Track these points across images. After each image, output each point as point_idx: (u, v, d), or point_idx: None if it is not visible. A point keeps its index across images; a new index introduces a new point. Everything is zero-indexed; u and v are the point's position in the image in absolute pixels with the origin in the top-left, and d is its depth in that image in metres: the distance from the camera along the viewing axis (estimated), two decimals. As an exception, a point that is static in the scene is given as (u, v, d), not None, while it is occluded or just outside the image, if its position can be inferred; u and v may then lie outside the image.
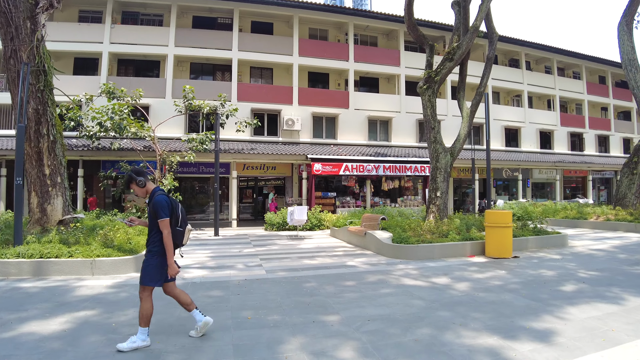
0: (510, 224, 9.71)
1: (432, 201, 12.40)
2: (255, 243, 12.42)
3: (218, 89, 18.81)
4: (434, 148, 12.69)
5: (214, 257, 9.83)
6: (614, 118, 33.18)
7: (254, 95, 20.93)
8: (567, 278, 7.33)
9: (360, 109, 22.54)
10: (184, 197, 20.96)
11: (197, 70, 21.78)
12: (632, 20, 18.63)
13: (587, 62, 31.47)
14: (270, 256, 9.85)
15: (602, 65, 32.34)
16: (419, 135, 24.19)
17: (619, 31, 18.55)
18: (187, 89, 16.32)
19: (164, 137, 18.19)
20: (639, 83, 18.02)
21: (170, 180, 15.50)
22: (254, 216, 22.17)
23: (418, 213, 17.60)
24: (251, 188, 22.92)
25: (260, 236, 14.40)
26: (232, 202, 18.59)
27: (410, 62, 24.12)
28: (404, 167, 20.31)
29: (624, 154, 33.33)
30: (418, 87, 13.13)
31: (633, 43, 18.28)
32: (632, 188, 17.51)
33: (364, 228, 11.36)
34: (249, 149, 18.61)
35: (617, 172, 30.69)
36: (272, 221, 16.33)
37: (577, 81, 31.36)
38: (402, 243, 9.51)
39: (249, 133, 20.47)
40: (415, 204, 21.31)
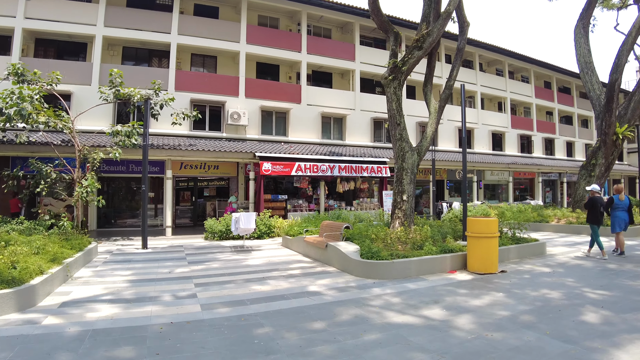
0: (496, 233, 8.34)
1: (397, 205, 10.87)
2: (192, 258, 10.17)
3: (153, 76, 16.22)
4: (400, 146, 11.17)
5: (134, 281, 7.54)
6: (559, 122, 33.96)
7: (195, 85, 18.51)
8: (580, 301, 6.04)
9: (313, 104, 20.77)
10: (112, 200, 18.16)
11: (130, 56, 18.96)
12: (588, 23, 18.41)
13: (535, 67, 31.89)
14: (208, 279, 7.72)
15: (549, 70, 32.97)
16: (374, 134, 22.87)
17: (575, 34, 18.24)
18: (115, 73, 13.77)
19: (87, 130, 15.44)
20: (594, 86, 17.77)
21: (91, 180, 12.87)
22: (193, 222, 19.65)
23: (376, 217, 16.22)
24: (190, 190, 20.33)
25: (199, 248, 12.12)
26: (167, 206, 16.08)
27: (365, 57, 22.71)
28: (360, 167, 18.78)
29: (567, 156, 34.28)
30: (382, 77, 11.57)
31: (589, 46, 18.02)
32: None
33: (325, 239, 9.53)
34: (187, 145, 16.20)
35: (562, 174, 31.40)
36: (214, 229, 14.09)
37: (526, 85, 31.65)
38: (374, 258, 7.78)
39: (188, 127, 18.03)
40: (372, 206, 19.85)
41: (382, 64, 23.01)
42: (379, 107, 22.83)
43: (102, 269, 8.75)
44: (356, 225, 11.09)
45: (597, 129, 17.35)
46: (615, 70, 15.85)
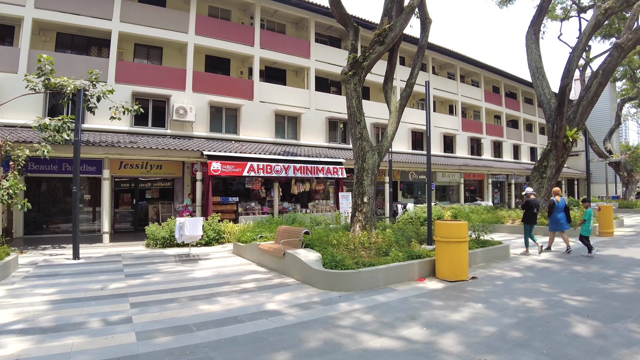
0: (466, 238, 7.81)
1: (358, 208, 10.16)
2: (130, 270, 8.86)
3: (92, 66, 14.48)
4: (360, 146, 10.48)
5: (57, 302, 6.23)
6: (506, 126, 35.08)
7: (138, 77, 16.87)
8: (562, 310, 5.66)
9: (266, 101, 19.71)
10: (43, 203, 16.15)
11: (65, 43, 16.95)
12: (539, 30, 18.75)
13: (485, 72, 32.71)
14: (148, 297, 6.55)
15: (497, 75, 34.00)
16: (330, 134, 22.18)
17: (527, 40, 18.51)
18: (44, 59, 12.06)
19: (12, 124, 13.51)
20: (545, 90, 18.08)
21: (13, 181, 11.13)
22: (135, 227, 17.94)
23: (332, 219, 15.51)
24: (131, 191, 18.59)
25: (139, 257, 10.74)
26: (104, 210, 14.39)
27: (321, 55, 21.99)
28: (315, 168, 17.98)
29: (514, 159, 35.49)
30: (342, 73, 10.83)
31: (539, 52, 18.35)
32: (542, 191, 17.36)
33: (282, 246, 8.58)
34: (127, 142, 14.64)
35: (509, 175, 32.40)
36: (156, 235, 12.70)
37: (476, 89, 32.36)
38: (338, 268, 6.97)
39: (129, 123, 16.41)
40: (328, 208, 19.13)
41: (337, 63, 22.48)
42: (334, 106, 22.21)
43: (20, 286, 7.29)
44: (315, 230, 10.25)
45: (548, 132, 17.64)
46: (566, 75, 16.13)
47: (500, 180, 32.93)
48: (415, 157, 25.13)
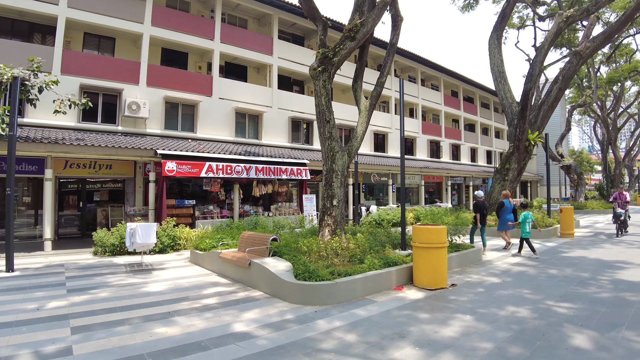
0: (446, 243, 7.38)
1: (326, 211, 9.55)
2: (73, 284, 7.73)
3: (34, 53, 12.92)
4: (329, 146, 9.89)
5: (-27, 327, 5.16)
6: (464, 129, 35.78)
7: (87, 68, 15.38)
8: (554, 319, 5.36)
9: (226, 98, 18.70)
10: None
11: (4, 29, 15.13)
12: (502, 35, 19.01)
13: (445, 76, 33.20)
14: (93, 318, 5.56)
15: (456, 80, 34.65)
16: (293, 134, 21.47)
17: (490, 45, 18.69)
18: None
19: None
20: (507, 94, 18.32)
21: None
22: (82, 232, 16.39)
23: (296, 222, 14.87)
24: (77, 193, 17.02)
25: (85, 268, 9.55)
26: (46, 214, 12.92)
27: (284, 53, 21.24)
28: (278, 169, 17.22)
29: (471, 162, 36.25)
30: (311, 69, 10.18)
31: (502, 57, 18.59)
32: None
33: (247, 255, 7.78)
34: (73, 139, 13.25)
35: (467, 178, 33.03)
36: (105, 242, 11.47)
37: (436, 92, 32.75)
38: (312, 279, 6.29)
39: (76, 118, 14.95)
40: (291, 211, 18.39)
41: (301, 61, 21.84)
42: (297, 106, 21.54)
43: None
44: (283, 236, 9.53)
45: (510, 135, 17.84)
46: (529, 79, 16.34)
47: (458, 183, 33.50)
48: (378, 159, 24.94)
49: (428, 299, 6.41)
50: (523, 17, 27.26)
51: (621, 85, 33.53)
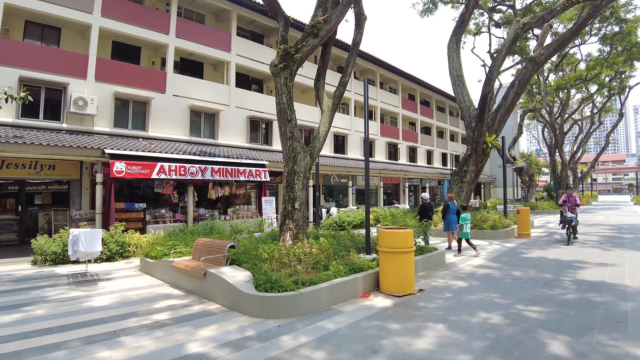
0: (413, 247, 7.13)
1: (288, 215, 9.10)
2: (5, 300, 6.75)
3: None
4: (291, 146, 9.45)
5: None
6: (420, 132, 36.39)
7: (28, 59, 14.02)
8: (527, 325, 5.20)
9: (181, 95, 17.78)
10: None
11: None
12: (461, 39, 19.31)
13: (403, 80, 33.61)
14: (23, 343, 4.77)
15: (414, 84, 35.21)
16: (251, 135, 20.80)
17: (449, 48, 18.93)
18: None
19: None
20: (465, 97, 18.61)
21: None
22: (21, 238, 14.95)
23: (255, 226, 14.28)
24: (15, 196, 15.55)
25: (21, 280, 8.52)
26: (-26, 219, 11.66)
27: (242, 50, 20.56)
28: (236, 170, 16.52)
29: (427, 164, 36.91)
30: (271, 65, 9.71)
31: (460, 60, 18.87)
32: (462, 195, 17.76)
33: (202, 264, 7.16)
34: (10, 136, 12.00)
35: (423, 179, 33.58)
36: (45, 250, 10.38)
37: (394, 95, 33.07)
38: (274, 290, 5.80)
39: (14, 113, 13.63)
40: (249, 214, 17.74)
41: (260, 59, 21.24)
42: (255, 105, 20.92)
43: None
44: (241, 242, 8.97)
45: (468, 138, 18.11)
46: (487, 83, 16.63)
47: (415, 184, 34.02)
48: (338, 161, 24.75)
49: (397, 307, 6.10)
50: (479, 24, 28.03)
51: (567, 92, 35.33)
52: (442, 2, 22.26)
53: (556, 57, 29.97)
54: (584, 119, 44.56)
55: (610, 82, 34.29)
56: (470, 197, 18.86)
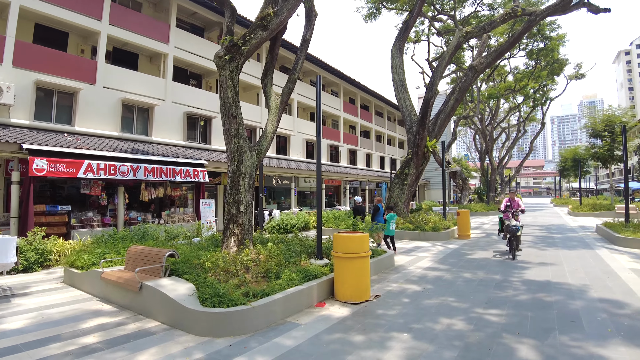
0: (369, 251, 6.84)
1: (232, 219, 8.49)
2: None
3: None
4: (236, 144, 8.85)
5: None
6: (360, 136, 36.86)
7: None
8: (491, 330, 5.10)
9: (112, 87, 16.29)
10: None
11: None
12: (404, 45, 19.63)
13: (344, 83, 33.83)
14: None
15: (354, 88, 35.60)
16: (188, 132, 19.64)
17: (392, 53, 19.18)
18: None
19: None
20: (407, 102, 18.96)
21: None
22: None
23: (193, 231, 13.46)
24: None
25: None
26: None
27: (182, 42, 19.38)
28: (171, 170, 15.43)
29: (366, 167, 37.44)
30: (216, 57, 9.05)
31: (403, 66, 19.20)
32: (403, 197, 18.05)
33: (137, 275, 6.34)
34: None
35: (362, 182, 33.99)
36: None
37: (336, 98, 33.18)
38: (223, 305, 5.18)
39: None
40: (186, 218, 16.69)
41: (200, 53, 20.19)
42: (194, 101, 19.81)
43: None
44: (180, 249, 8.21)
45: (409, 142, 18.43)
46: (430, 89, 16.99)
47: (354, 186, 34.37)
48: (280, 162, 24.22)
49: (356, 316, 5.77)
50: (419, 33, 28.86)
51: (497, 101, 37.57)
52: (385, 8, 22.55)
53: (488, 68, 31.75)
54: (511, 127, 47.70)
55: (535, 94, 36.96)
56: (411, 199, 19.20)
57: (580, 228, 18.66)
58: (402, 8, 22.04)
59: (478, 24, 17.72)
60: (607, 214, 24.92)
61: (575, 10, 15.63)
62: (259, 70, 23.75)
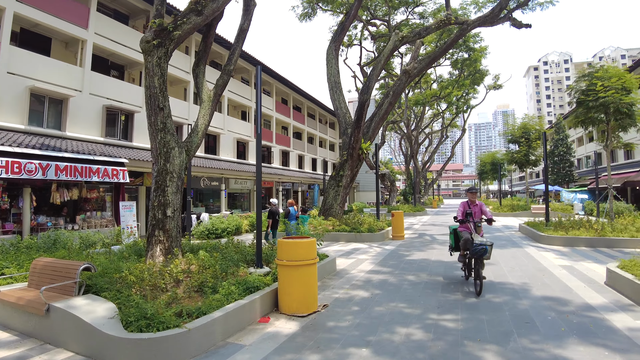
0: (316, 258, 6.33)
1: (158, 224, 7.56)
2: None
3: None
4: (163, 140, 7.92)
5: None
6: (292, 137, 36.42)
7: None
8: (452, 338, 4.85)
9: (19, 74, 14.14)
10: None
11: None
12: (340, 46, 19.54)
13: (277, 83, 33.22)
14: None
15: (287, 88, 35.14)
16: (107, 127, 17.81)
17: (328, 54, 19.01)
18: None
19: None
20: (342, 104, 18.89)
21: None
22: None
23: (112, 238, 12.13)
24: None
25: None
26: None
27: (103, 29, 17.52)
28: (87, 169, 13.82)
29: (299, 168, 37.08)
30: (143, 41, 8.05)
31: (338, 67, 19.10)
32: (338, 199, 17.92)
33: (44, 295, 5.22)
34: None
35: (295, 183, 33.61)
36: None
37: (269, 98, 32.47)
38: (151, 329, 4.34)
39: None
40: (104, 223, 15.05)
41: (123, 42, 18.44)
42: (115, 93, 18.04)
43: None
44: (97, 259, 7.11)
45: (343, 143, 18.33)
46: (365, 91, 16.98)
47: (287, 188, 33.90)
48: (209, 162, 23.03)
49: (306, 331, 5.22)
50: (351, 37, 29.11)
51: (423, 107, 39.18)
52: (321, 9, 22.36)
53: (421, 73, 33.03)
54: (434, 132, 50.13)
55: (458, 101, 39.09)
56: (346, 200, 19.11)
57: (504, 227, 19.78)
58: (338, 10, 22.00)
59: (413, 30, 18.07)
60: (524, 213, 27.05)
61: (501, 24, 16.52)
62: (187, 64, 22.40)
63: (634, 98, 13.29)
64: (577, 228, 13.43)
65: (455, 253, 8.55)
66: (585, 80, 14.36)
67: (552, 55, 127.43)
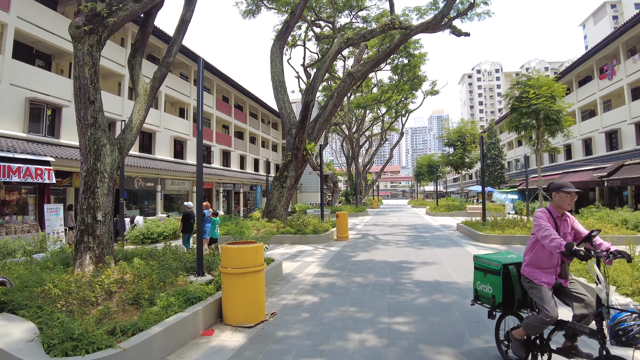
0: (263, 264, 5.99)
1: (87, 229, 6.88)
2: None
3: None
4: (94, 136, 7.22)
5: None
6: (234, 136, 35.49)
7: None
8: (408, 343, 4.73)
9: None
10: None
11: None
12: (284, 45, 19.26)
13: (218, 80, 32.16)
14: None
15: (228, 85, 34.15)
16: (31, 123, 16.16)
17: (272, 53, 18.68)
18: None
19: None
20: (286, 104, 18.66)
21: None
22: None
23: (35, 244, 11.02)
24: None
25: None
26: None
27: (27, 13, 15.81)
28: (7, 168, 12.40)
29: (240, 169, 36.24)
30: (73, 26, 7.28)
31: (283, 66, 18.81)
32: (282, 200, 17.66)
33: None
34: None
35: (236, 184, 32.78)
36: None
37: (209, 95, 31.33)
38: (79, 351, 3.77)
39: None
40: (27, 228, 13.63)
41: (51, 29, 16.85)
42: (40, 84, 16.39)
43: None
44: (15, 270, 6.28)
45: (288, 144, 18.03)
46: (310, 92, 16.82)
47: (228, 189, 32.99)
48: (144, 161, 21.75)
49: (255, 343, 4.88)
50: (295, 37, 28.94)
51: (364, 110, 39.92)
52: (265, 7, 21.96)
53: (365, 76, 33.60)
54: (374, 135, 51.29)
55: (397, 105, 40.22)
56: (290, 201, 18.85)
57: (442, 227, 20.51)
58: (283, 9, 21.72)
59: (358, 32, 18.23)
60: (460, 213, 28.33)
61: (442, 31, 17.10)
62: (122, 56, 21.01)
63: (561, 106, 14.30)
64: (512, 227, 14.18)
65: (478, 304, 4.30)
66: (519, 87, 15.24)
67: (484, 64, 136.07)
